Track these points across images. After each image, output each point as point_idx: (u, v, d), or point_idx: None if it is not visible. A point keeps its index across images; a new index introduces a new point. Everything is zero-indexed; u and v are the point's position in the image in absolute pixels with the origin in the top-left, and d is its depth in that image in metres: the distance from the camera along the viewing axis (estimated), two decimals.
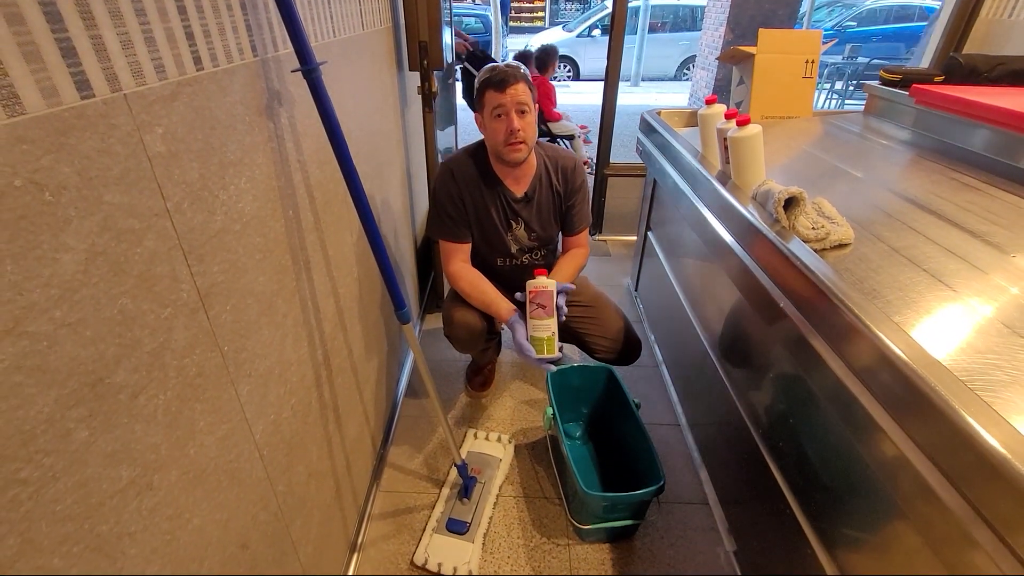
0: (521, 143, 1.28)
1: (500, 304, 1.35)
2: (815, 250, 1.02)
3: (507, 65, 1.28)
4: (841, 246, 1.04)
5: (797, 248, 0.96)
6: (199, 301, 0.62)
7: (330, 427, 1.09)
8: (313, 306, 0.98)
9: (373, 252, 0.96)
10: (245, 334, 0.73)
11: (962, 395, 0.59)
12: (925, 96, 1.42)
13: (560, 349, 1.29)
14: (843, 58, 6.31)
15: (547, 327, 1.26)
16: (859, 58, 6.25)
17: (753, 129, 1.19)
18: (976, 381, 0.63)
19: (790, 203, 1.05)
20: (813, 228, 1.05)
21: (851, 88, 5.72)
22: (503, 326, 1.35)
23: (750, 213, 1.12)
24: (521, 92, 1.24)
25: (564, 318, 1.30)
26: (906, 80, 1.59)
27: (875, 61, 5.73)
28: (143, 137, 0.53)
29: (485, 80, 1.27)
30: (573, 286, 1.36)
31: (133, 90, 0.51)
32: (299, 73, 0.77)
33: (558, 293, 1.27)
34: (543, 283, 1.25)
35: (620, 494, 1.13)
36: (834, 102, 6.10)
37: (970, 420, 0.56)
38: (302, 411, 0.94)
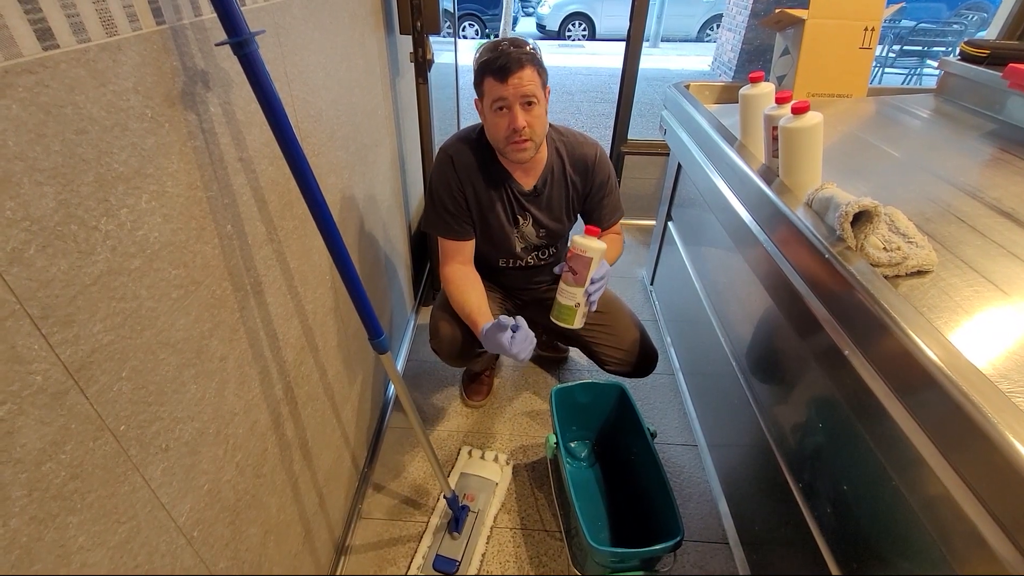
0: (527, 141, 1.07)
1: (477, 315, 1.14)
2: (887, 276, 0.83)
3: (512, 43, 1.04)
4: (919, 273, 0.84)
5: (865, 276, 0.76)
6: (68, 379, 0.45)
7: (296, 467, 0.94)
8: (268, 336, 0.81)
9: (339, 272, 0.77)
10: (157, 400, 0.56)
11: None
12: None
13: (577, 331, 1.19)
14: (884, 20, 5.76)
15: (572, 296, 1.13)
16: (902, 20, 5.74)
17: (812, 119, 0.97)
18: None
19: (859, 217, 0.85)
20: (886, 249, 0.85)
21: (892, 55, 5.26)
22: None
23: (803, 222, 0.92)
24: (527, 81, 1.01)
25: (594, 307, 1.17)
26: (995, 57, 1.32)
27: (922, 25, 5.24)
28: None
29: (484, 63, 1.04)
30: (609, 267, 1.20)
31: None
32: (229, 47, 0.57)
33: (594, 288, 1.13)
34: (585, 245, 1.09)
35: (631, 550, 0.97)
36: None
37: None
38: (253, 464, 0.78)
